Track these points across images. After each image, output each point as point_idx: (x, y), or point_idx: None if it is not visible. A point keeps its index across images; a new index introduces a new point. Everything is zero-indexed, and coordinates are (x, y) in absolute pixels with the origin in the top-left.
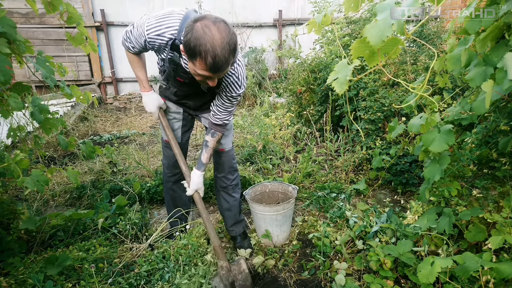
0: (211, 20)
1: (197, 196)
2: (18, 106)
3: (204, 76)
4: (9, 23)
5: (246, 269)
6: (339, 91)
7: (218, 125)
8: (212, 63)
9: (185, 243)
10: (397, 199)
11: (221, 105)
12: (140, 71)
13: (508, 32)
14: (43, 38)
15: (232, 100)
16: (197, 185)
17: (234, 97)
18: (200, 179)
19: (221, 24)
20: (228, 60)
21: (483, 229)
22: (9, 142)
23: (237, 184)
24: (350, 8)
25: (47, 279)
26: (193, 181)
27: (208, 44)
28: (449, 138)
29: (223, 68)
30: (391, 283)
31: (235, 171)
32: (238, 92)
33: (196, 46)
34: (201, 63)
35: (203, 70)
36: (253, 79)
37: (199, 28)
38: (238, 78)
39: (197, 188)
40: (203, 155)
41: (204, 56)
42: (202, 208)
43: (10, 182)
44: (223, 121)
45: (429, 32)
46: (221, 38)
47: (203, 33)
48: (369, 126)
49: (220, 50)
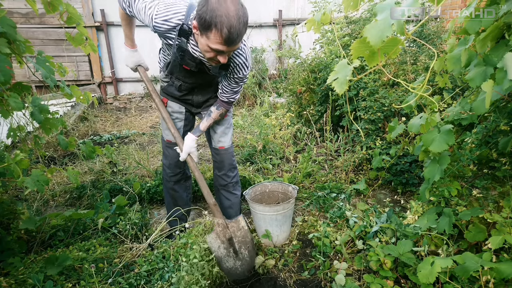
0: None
1: (189, 158)
2: (18, 106)
3: (216, 51)
4: (9, 23)
5: (245, 226)
6: (339, 91)
7: (224, 102)
8: (228, 34)
9: (185, 242)
10: (397, 199)
11: (227, 85)
12: (128, 28)
13: (508, 32)
14: (43, 38)
15: (239, 82)
16: (190, 148)
17: (241, 78)
18: (193, 143)
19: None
20: (241, 33)
21: (483, 229)
22: (9, 142)
23: (237, 182)
24: (350, 6)
25: (47, 279)
26: (186, 143)
27: (224, 16)
28: (449, 138)
29: (237, 41)
30: (391, 283)
31: (234, 168)
32: (245, 73)
33: (212, 18)
34: (216, 35)
35: (218, 43)
36: (253, 79)
37: (214, 0)
38: (246, 59)
39: (190, 152)
40: (203, 123)
41: (220, 28)
42: (194, 167)
43: (10, 182)
44: (229, 99)
45: (429, 32)
46: (235, 10)
47: (219, 4)
48: (369, 126)
49: (236, 21)
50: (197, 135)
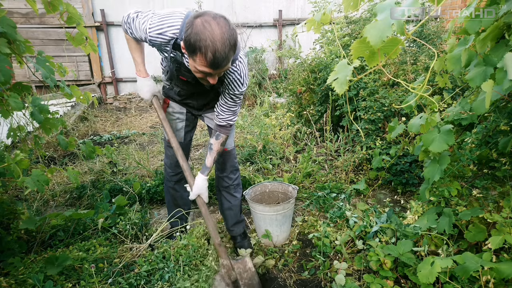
0: (211, 16)
1: (200, 200)
2: (18, 106)
3: (204, 73)
4: (9, 23)
5: (252, 267)
6: (339, 91)
7: (222, 126)
8: (212, 58)
9: (186, 244)
10: (397, 199)
11: (224, 104)
12: (137, 53)
13: (508, 32)
14: (43, 38)
15: (235, 99)
16: (200, 189)
17: (236, 95)
18: (203, 183)
19: (221, 20)
20: (228, 56)
21: (483, 229)
22: (9, 142)
23: (238, 184)
24: (350, 6)
25: (47, 279)
26: (197, 184)
27: (208, 40)
28: (449, 138)
29: (223, 64)
30: (391, 283)
31: (236, 170)
32: (240, 90)
33: (196, 42)
34: (201, 58)
35: (203, 66)
36: (253, 79)
37: (199, 23)
38: (240, 75)
39: (200, 193)
40: (207, 158)
41: (204, 52)
42: (205, 211)
43: (10, 182)
44: (227, 121)
45: (429, 32)
46: (221, 33)
47: (203, 28)
48: (369, 126)
49: (220, 45)
50: (206, 174)
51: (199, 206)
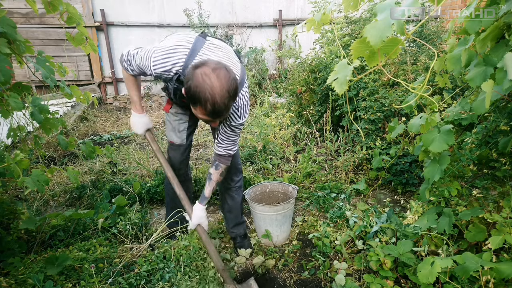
0: (211, 67)
1: (200, 229)
2: (18, 106)
3: (205, 120)
4: (9, 23)
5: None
6: (339, 91)
7: (221, 155)
8: (211, 110)
9: (187, 244)
10: (397, 199)
11: (223, 133)
12: (134, 91)
13: (508, 32)
14: (43, 38)
15: (235, 130)
16: (199, 219)
17: (235, 126)
18: (202, 212)
19: (221, 71)
20: (227, 105)
21: (483, 229)
22: (9, 142)
23: (240, 187)
24: (350, 6)
25: (47, 279)
26: (195, 214)
27: (207, 92)
28: (449, 138)
29: (223, 113)
30: (391, 283)
31: (240, 172)
32: (239, 121)
33: (196, 94)
34: (201, 109)
35: (204, 115)
36: (253, 79)
37: (198, 76)
38: (238, 109)
39: (200, 222)
40: (206, 188)
41: (203, 104)
42: (205, 238)
43: (10, 182)
44: (226, 151)
45: (429, 32)
46: (220, 86)
47: (203, 81)
48: (369, 126)
49: (219, 98)
50: (204, 204)
51: (200, 233)
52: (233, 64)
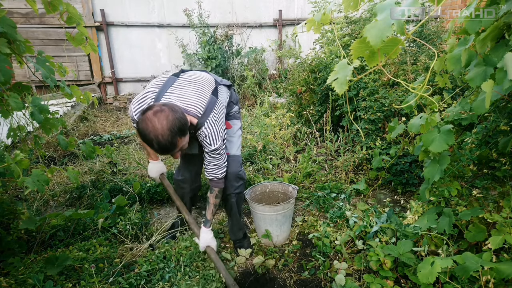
0: (153, 111)
1: (209, 249)
2: (18, 106)
3: None
4: (9, 23)
5: None
6: (339, 91)
7: (211, 180)
8: (158, 148)
9: (187, 245)
10: (397, 199)
11: (206, 159)
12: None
13: (508, 32)
14: (43, 38)
15: (213, 155)
16: (206, 241)
17: (211, 153)
18: (208, 234)
19: (163, 114)
20: (173, 141)
21: (483, 229)
22: (9, 142)
23: (239, 193)
24: (350, 6)
25: (47, 279)
26: (203, 238)
27: (151, 134)
28: (449, 138)
29: (170, 149)
30: (391, 283)
31: (240, 179)
32: (211, 148)
33: (144, 136)
34: (152, 148)
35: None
36: (253, 79)
37: (143, 121)
38: (206, 137)
39: (208, 244)
40: (207, 212)
41: (150, 144)
42: (214, 257)
43: (10, 182)
44: (212, 175)
45: (429, 32)
46: (161, 127)
47: (146, 125)
48: (369, 126)
49: (161, 137)
50: (208, 226)
51: (209, 254)
52: (198, 97)
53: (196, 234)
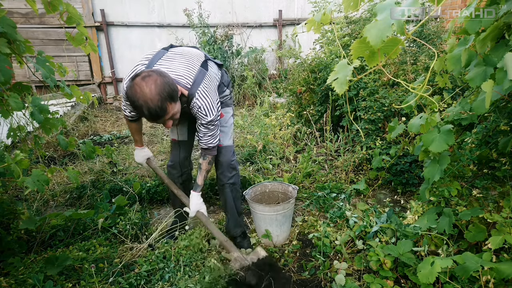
0: (141, 76)
1: (199, 214)
2: (18, 106)
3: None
4: (9, 23)
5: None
6: (339, 91)
7: (205, 149)
8: (148, 114)
9: (187, 245)
10: (397, 199)
11: (200, 131)
12: (135, 135)
13: (508, 32)
14: (43, 38)
15: (208, 127)
16: (197, 205)
17: (206, 124)
18: (198, 199)
19: (151, 78)
20: (162, 107)
21: (483, 229)
22: (9, 142)
23: (234, 183)
24: (350, 6)
25: (47, 279)
26: (192, 202)
27: (140, 100)
28: (449, 138)
29: (160, 114)
30: (391, 283)
31: (233, 169)
32: (207, 119)
33: (133, 102)
34: (142, 115)
35: (147, 119)
36: (253, 79)
37: (132, 87)
38: (201, 108)
39: (198, 208)
40: (198, 177)
41: (141, 110)
42: (205, 219)
43: (10, 182)
44: (207, 144)
45: (429, 32)
46: (150, 91)
47: (135, 91)
48: (369, 126)
49: (151, 102)
50: (199, 191)
51: (200, 218)
52: (187, 68)
53: (186, 204)
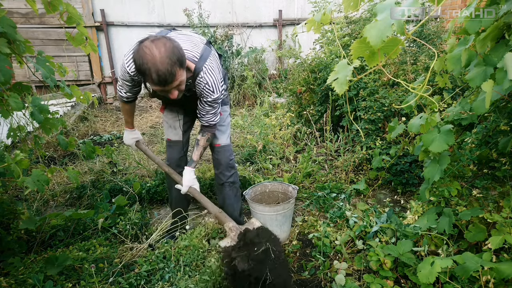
0: (151, 40)
1: (191, 189)
2: (18, 106)
3: (160, 91)
4: (9, 23)
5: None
6: (339, 91)
7: (206, 126)
8: (157, 78)
9: (187, 244)
10: (397, 199)
11: (203, 109)
12: (128, 116)
13: (508, 32)
14: (43, 38)
15: (212, 104)
16: (189, 181)
17: (211, 102)
18: (191, 174)
19: (160, 41)
20: (172, 71)
21: (483, 229)
22: (9, 142)
23: (233, 182)
24: (350, 6)
25: (47, 279)
26: (185, 178)
27: (149, 62)
28: (449, 138)
29: (169, 79)
30: (391, 283)
31: (232, 168)
32: (213, 97)
33: (141, 66)
34: (149, 79)
35: (154, 85)
36: (253, 79)
37: (140, 49)
38: (208, 84)
39: (190, 184)
40: (194, 153)
41: (149, 74)
42: (198, 194)
43: (10, 182)
44: (208, 122)
45: (429, 32)
46: (159, 53)
47: (144, 53)
48: (369, 126)
49: (161, 65)
50: (193, 167)
51: (192, 193)
52: (193, 45)
53: (178, 181)
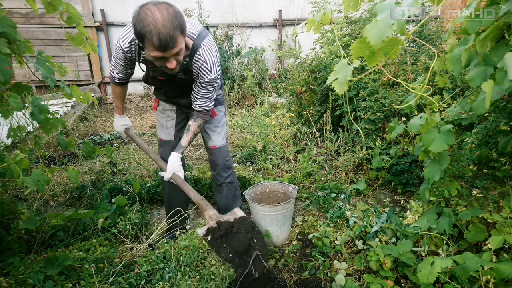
0: (153, 3)
1: (175, 176)
2: (18, 106)
3: (159, 58)
4: (9, 23)
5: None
6: (339, 91)
7: (199, 111)
8: (158, 42)
9: (187, 245)
10: (397, 199)
11: (198, 92)
12: (118, 101)
13: (508, 32)
14: (43, 38)
15: (207, 87)
16: (174, 167)
17: (207, 83)
18: (177, 160)
19: (162, 5)
20: (173, 35)
21: (483, 229)
22: (9, 142)
23: (231, 182)
24: (350, 6)
25: (47, 279)
26: (171, 162)
27: (151, 25)
28: (449, 138)
29: (170, 44)
30: (391, 283)
31: (228, 168)
32: (210, 77)
33: (142, 29)
34: (149, 43)
35: (154, 50)
36: (253, 79)
37: (142, 12)
38: (206, 62)
39: (175, 170)
40: (183, 138)
41: (149, 37)
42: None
43: (10, 182)
44: (202, 107)
45: (429, 32)
46: (161, 16)
47: (145, 15)
48: (369, 126)
49: (163, 28)
50: (180, 152)
51: (175, 180)
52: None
53: (163, 168)
